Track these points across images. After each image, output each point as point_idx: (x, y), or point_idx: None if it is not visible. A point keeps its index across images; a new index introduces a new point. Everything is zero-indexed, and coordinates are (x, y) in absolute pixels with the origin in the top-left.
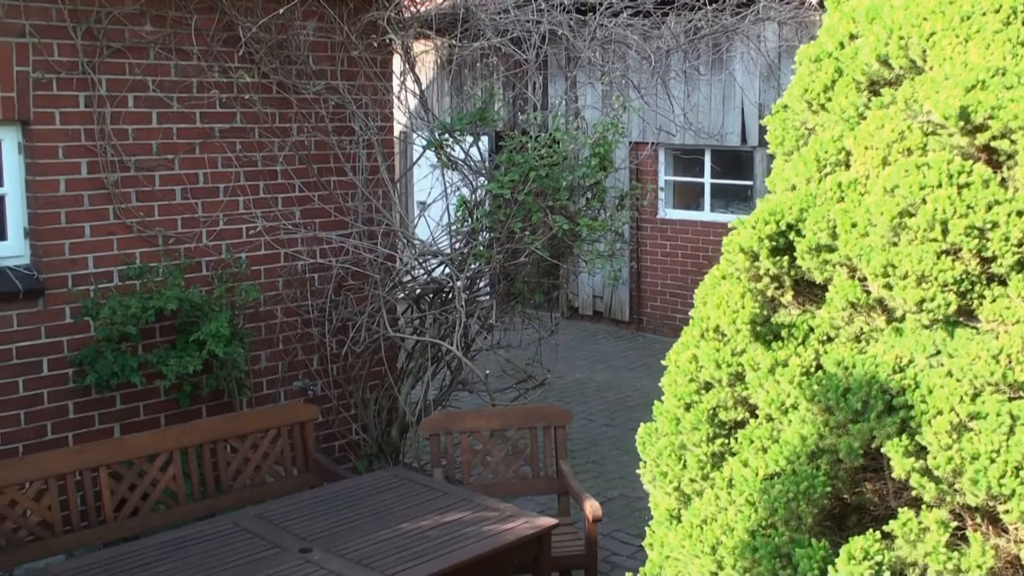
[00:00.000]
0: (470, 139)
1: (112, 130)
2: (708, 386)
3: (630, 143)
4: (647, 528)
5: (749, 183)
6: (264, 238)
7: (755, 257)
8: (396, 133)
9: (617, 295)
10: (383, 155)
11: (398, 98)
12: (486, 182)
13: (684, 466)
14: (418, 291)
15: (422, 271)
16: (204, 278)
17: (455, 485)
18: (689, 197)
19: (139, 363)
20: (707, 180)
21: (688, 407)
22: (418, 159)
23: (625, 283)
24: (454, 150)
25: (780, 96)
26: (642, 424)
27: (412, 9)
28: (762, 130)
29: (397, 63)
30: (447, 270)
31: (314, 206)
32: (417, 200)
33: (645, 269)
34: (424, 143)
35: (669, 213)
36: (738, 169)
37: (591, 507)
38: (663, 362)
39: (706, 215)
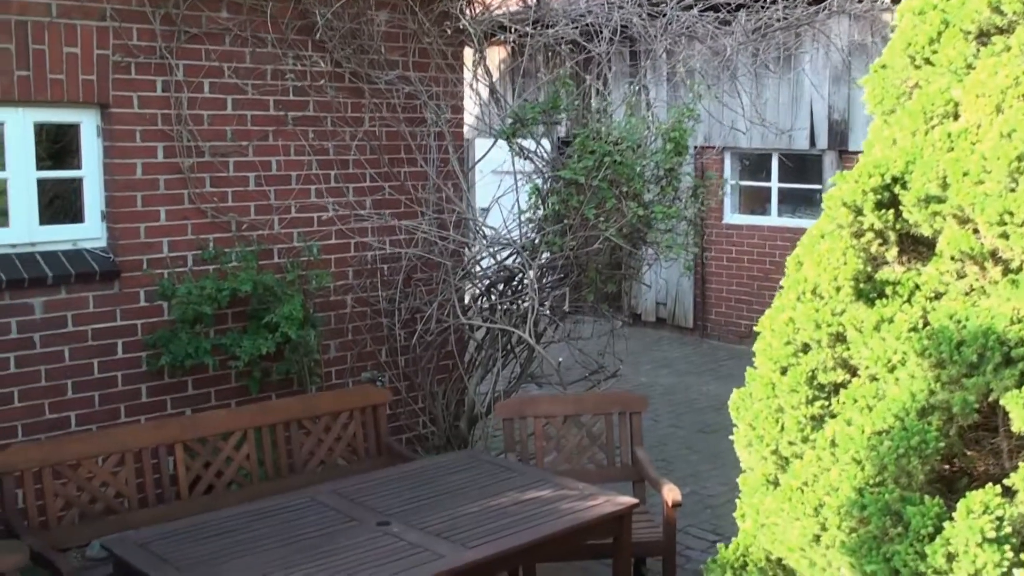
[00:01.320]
0: (541, 130)
1: (188, 115)
2: (806, 348)
3: (695, 147)
4: (737, 500)
5: (818, 187)
6: (335, 227)
7: (858, 211)
8: (466, 124)
9: (681, 301)
10: (454, 146)
11: (471, 86)
12: (551, 172)
13: (782, 429)
14: (488, 280)
15: (492, 261)
16: (276, 265)
17: (530, 467)
18: (755, 202)
19: (212, 346)
20: (774, 184)
21: (784, 370)
22: (489, 149)
23: (689, 289)
24: (526, 138)
25: (851, 97)
26: (735, 389)
27: (484, 2)
28: (832, 132)
29: (467, 57)
30: (518, 259)
31: (385, 196)
32: (480, 207)
33: (710, 275)
34: (495, 134)
35: (735, 218)
36: (806, 173)
37: (670, 491)
38: (760, 337)
39: (773, 220)
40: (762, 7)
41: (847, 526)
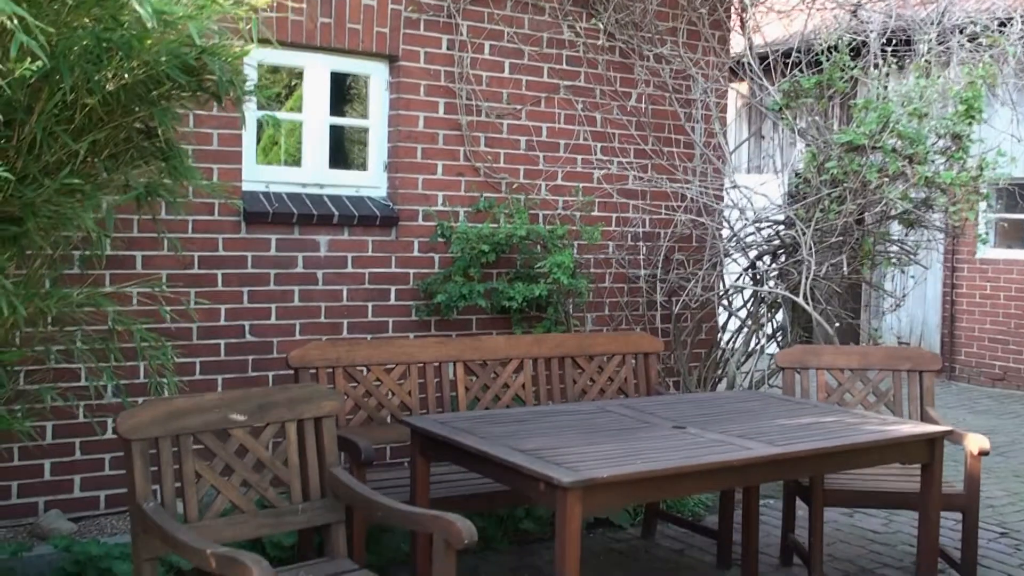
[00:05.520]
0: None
1: (470, 74)
2: None
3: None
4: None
5: None
6: (599, 199)
7: None
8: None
9: (926, 340)
10: (720, 122)
11: (746, 60)
12: (830, 137)
13: None
14: (757, 251)
15: (759, 236)
16: None
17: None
18: (1013, 235)
19: (484, 290)
20: None
21: None
22: (754, 132)
23: (936, 328)
24: (801, 117)
25: None
26: None
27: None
28: None
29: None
30: (790, 229)
31: (650, 172)
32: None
33: (960, 313)
34: (767, 108)
35: (990, 252)
36: None
37: (975, 440)
38: None
39: None
40: None
41: None
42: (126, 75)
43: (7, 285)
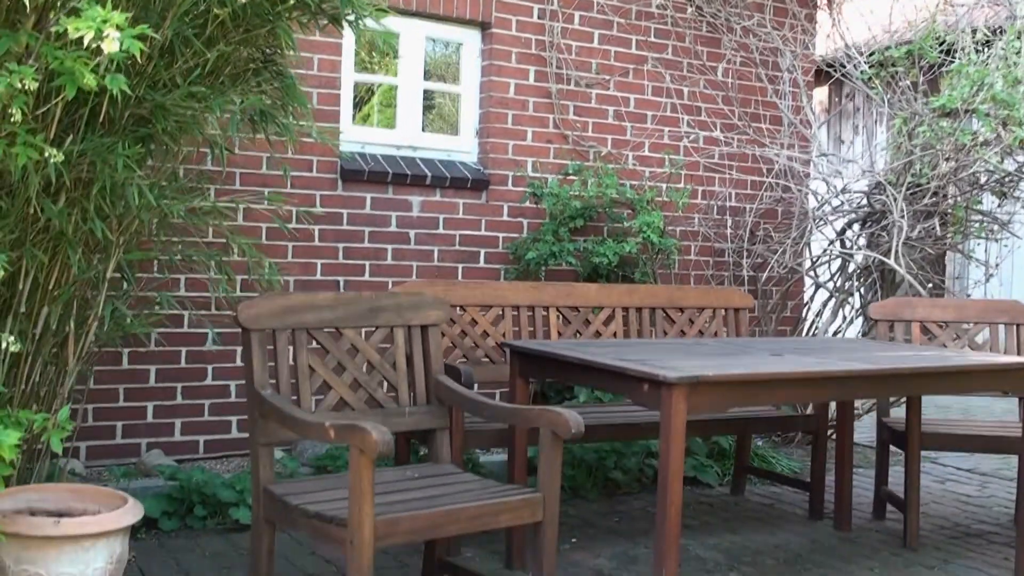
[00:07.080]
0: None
1: (560, 43)
2: None
3: None
4: None
5: None
6: (685, 172)
7: None
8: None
9: None
10: (807, 96)
11: (835, 34)
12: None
13: None
14: (843, 221)
15: (848, 205)
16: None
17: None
18: None
19: (574, 250)
20: None
21: None
22: (837, 109)
23: None
24: (889, 90)
25: None
26: None
27: None
28: None
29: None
30: (882, 195)
31: (735, 148)
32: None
33: None
34: (855, 79)
35: None
36: None
37: None
38: None
39: None
40: None
41: None
42: None
43: (139, 174)
